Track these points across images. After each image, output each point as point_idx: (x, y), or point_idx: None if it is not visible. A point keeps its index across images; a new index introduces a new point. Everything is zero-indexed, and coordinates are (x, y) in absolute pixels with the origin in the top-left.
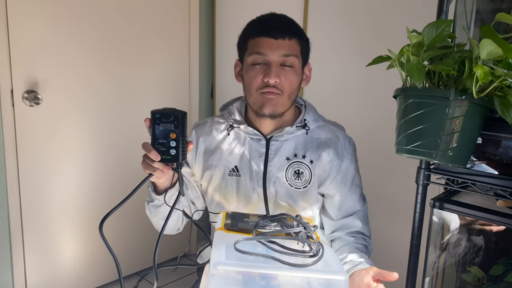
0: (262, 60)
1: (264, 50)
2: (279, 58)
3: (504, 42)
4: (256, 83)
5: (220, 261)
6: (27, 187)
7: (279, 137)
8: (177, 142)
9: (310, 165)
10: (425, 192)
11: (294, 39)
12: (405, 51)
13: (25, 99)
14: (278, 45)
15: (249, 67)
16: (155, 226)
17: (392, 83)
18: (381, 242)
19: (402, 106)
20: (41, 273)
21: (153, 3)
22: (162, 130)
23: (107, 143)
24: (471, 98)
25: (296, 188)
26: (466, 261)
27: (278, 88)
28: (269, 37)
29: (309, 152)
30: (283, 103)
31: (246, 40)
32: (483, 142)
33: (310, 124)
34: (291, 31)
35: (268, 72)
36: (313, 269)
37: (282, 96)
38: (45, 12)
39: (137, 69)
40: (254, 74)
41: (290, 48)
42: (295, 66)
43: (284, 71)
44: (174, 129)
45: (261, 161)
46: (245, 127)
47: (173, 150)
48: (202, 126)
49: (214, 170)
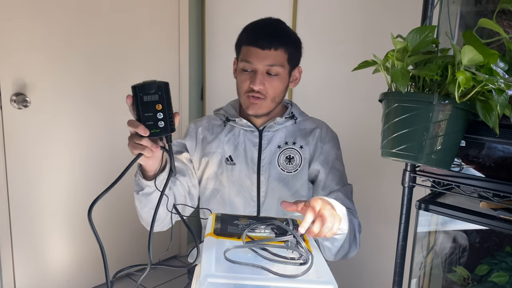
0: (249, 68)
1: (251, 59)
2: (264, 67)
3: (485, 48)
4: (244, 87)
5: (210, 273)
6: (16, 190)
7: (271, 127)
8: (164, 113)
9: (300, 150)
10: (411, 194)
11: (281, 49)
12: (389, 56)
13: (13, 101)
14: (265, 55)
15: (240, 71)
16: (145, 219)
17: (379, 85)
18: (368, 244)
19: (387, 110)
20: (30, 276)
21: (142, 4)
22: (146, 102)
23: (96, 145)
24: (454, 103)
25: (287, 172)
26: (452, 261)
27: (262, 93)
28: (257, 47)
29: (298, 139)
30: (266, 106)
31: (240, 45)
32: (466, 145)
33: (297, 117)
34: (278, 41)
35: (253, 80)
36: (302, 280)
37: (265, 100)
38: (33, 14)
39: (126, 70)
40: (242, 79)
41: (276, 58)
42: (279, 73)
43: (269, 79)
44: (158, 100)
45: (256, 150)
46: (239, 119)
47: (161, 122)
48: (199, 121)
49: (211, 157)
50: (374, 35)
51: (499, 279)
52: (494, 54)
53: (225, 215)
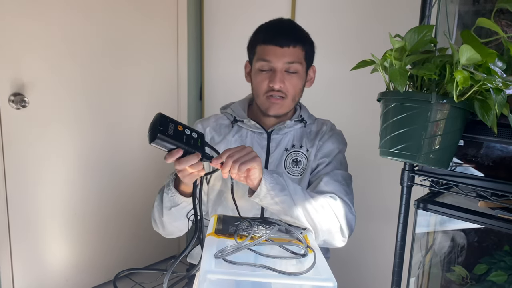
0: (268, 67)
1: (270, 57)
2: (283, 65)
3: (483, 47)
4: (263, 88)
5: (210, 269)
6: (14, 190)
7: (280, 130)
8: (187, 127)
9: (307, 153)
10: (409, 194)
11: (298, 46)
12: (388, 55)
13: (11, 102)
14: (283, 53)
15: (256, 72)
16: (170, 231)
17: (377, 85)
18: (367, 243)
19: (385, 110)
20: (29, 276)
21: (140, 5)
22: (173, 134)
23: (95, 145)
24: (452, 102)
25: (294, 175)
26: (450, 260)
27: (282, 92)
28: (275, 45)
29: (304, 142)
30: (287, 105)
31: (255, 46)
32: (465, 144)
33: (306, 120)
34: (296, 38)
35: (273, 78)
36: (302, 277)
37: (286, 99)
38: (31, 14)
39: (125, 70)
40: (261, 79)
41: (294, 55)
42: (298, 71)
43: (288, 77)
44: (174, 124)
45: (263, 152)
46: (248, 121)
47: (194, 134)
48: (206, 120)
49: None
50: (372, 34)
51: (498, 278)
52: (492, 54)
53: (227, 216)
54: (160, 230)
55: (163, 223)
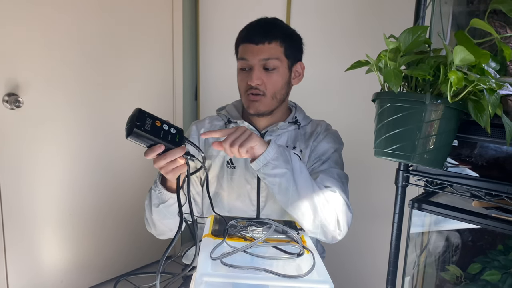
0: (246, 65)
1: (246, 55)
2: (260, 62)
3: (476, 48)
4: (243, 86)
5: (207, 272)
6: (9, 191)
7: (273, 132)
8: (165, 122)
9: (300, 154)
10: (404, 193)
11: (275, 42)
12: (382, 56)
13: (5, 102)
14: (259, 50)
15: (238, 71)
16: (161, 230)
17: (372, 86)
18: (362, 243)
19: (380, 110)
20: (24, 277)
21: (136, 6)
22: (149, 129)
23: (90, 145)
24: (446, 103)
25: None
26: (445, 259)
27: (259, 89)
28: (251, 43)
29: (299, 143)
30: (267, 103)
31: (237, 46)
32: (459, 144)
33: (300, 122)
34: (271, 35)
35: (250, 76)
36: (299, 279)
37: (265, 96)
38: (25, 15)
39: (119, 71)
40: (240, 78)
41: (270, 52)
42: (277, 68)
43: (267, 74)
44: (152, 119)
45: None
46: (241, 122)
47: (172, 129)
48: (201, 122)
49: (213, 160)
50: (367, 35)
51: (492, 277)
52: (485, 54)
53: (223, 217)
54: (152, 229)
55: (153, 221)
